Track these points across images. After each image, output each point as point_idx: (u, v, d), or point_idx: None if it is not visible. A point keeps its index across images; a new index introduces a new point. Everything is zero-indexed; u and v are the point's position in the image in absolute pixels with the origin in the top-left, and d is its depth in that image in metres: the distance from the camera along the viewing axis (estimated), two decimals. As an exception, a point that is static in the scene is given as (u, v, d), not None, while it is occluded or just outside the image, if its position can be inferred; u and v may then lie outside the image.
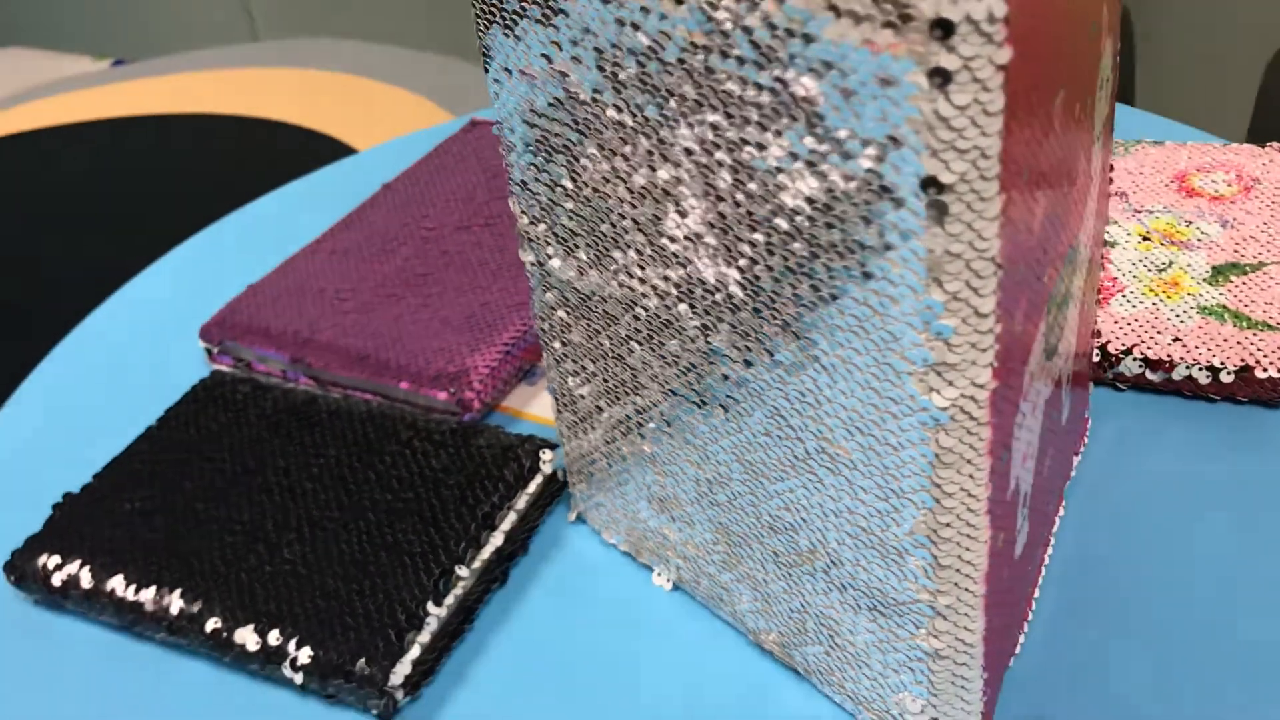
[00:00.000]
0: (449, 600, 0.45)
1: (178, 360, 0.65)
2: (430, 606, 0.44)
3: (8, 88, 2.28)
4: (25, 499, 0.57)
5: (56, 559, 0.49)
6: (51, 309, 1.61)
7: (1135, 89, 1.23)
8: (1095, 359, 0.52)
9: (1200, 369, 0.50)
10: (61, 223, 1.80)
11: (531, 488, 0.50)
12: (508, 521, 0.48)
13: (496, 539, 0.48)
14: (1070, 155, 0.34)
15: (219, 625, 0.45)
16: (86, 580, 0.48)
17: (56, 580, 0.48)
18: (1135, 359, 0.52)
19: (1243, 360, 0.50)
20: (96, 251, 1.71)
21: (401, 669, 0.43)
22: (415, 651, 0.43)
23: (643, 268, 0.38)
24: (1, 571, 0.51)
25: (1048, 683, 0.41)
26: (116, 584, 0.47)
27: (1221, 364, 0.50)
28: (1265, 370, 0.49)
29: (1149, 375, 0.52)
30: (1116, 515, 0.47)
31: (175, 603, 0.46)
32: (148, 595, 0.46)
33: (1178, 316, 0.52)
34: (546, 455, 0.50)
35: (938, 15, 0.25)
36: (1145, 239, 0.57)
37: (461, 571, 0.46)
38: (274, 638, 0.44)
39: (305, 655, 0.43)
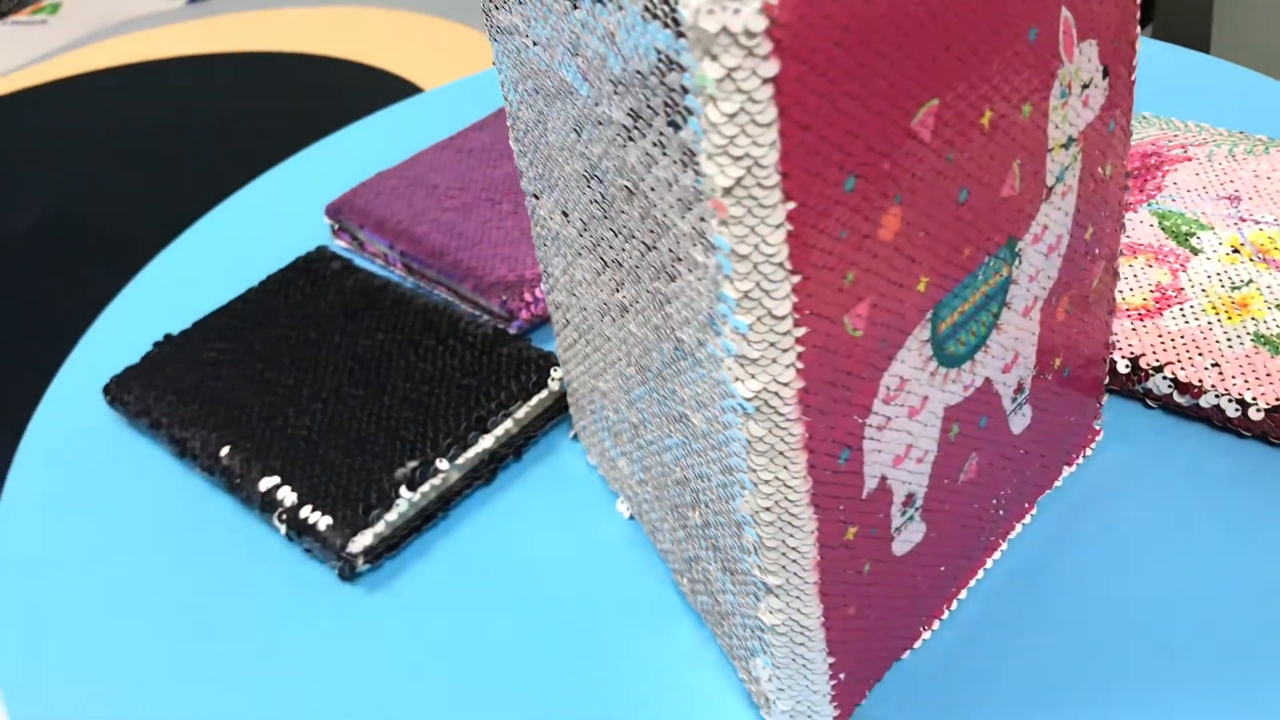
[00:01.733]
0: (424, 488, 0.50)
1: (316, 236, 0.73)
2: (404, 490, 0.49)
3: (86, 26, 2.43)
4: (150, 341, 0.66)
5: (139, 389, 0.57)
6: (139, 236, 1.76)
7: (1211, 41, 1.10)
8: (1125, 370, 0.49)
9: (1230, 400, 0.47)
10: (142, 156, 1.95)
11: (534, 401, 0.53)
12: (502, 428, 0.52)
13: (487, 441, 0.52)
14: (973, 164, 0.33)
15: (235, 470, 0.52)
16: (153, 411, 0.56)
17: (134, 408, 0.56)
18: (1165, 378, 0.48)
19: (1276, 399, 0.46)
20: (175, 183, 1.85)
21: (362, 539, 0.48)
22: (380, 526, 0.48)
23: (578, 218, 0.40)
24: (102, 392, 0.60)
25: (940, 681, 0.41)
26: (172, 419, 0.55)
27: (1254, 399, 0.46)
28: (1298, 414, 0.46)
29: (1177, 398, 0.49)
30: (1090, 532, 0.46)
31: (209, 444, 0.53)
32: (191, 433, 0.54)
33: (1229, 340, 0.49)
34: (556, 373, 0.54)
35: (695, 24, 0.26)
36: (1235, 251, 0.53)
37: (442, 465, 0.50)
38: (272, 490, 0.50)
39: (290, 511, 0.49)
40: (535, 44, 0.37)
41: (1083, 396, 0.46)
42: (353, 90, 1.97)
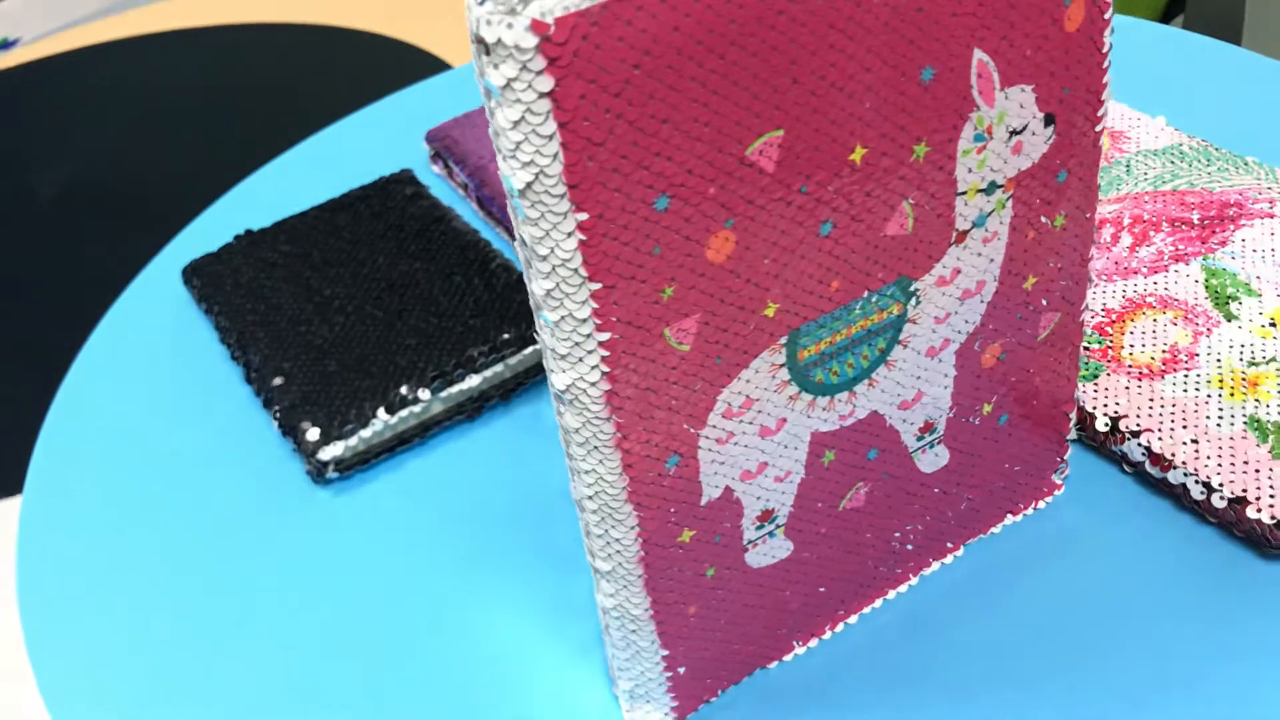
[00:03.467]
0: (403, 413, 0.53)
1: (415, 162, 0.77)
2: (381, 413, 0.53)
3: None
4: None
5: (207, 276, 0.63)
6: (171, 201, 1.82)
7: (1243, 31, 0.99)
8: (1104, 429, 0.47)
9: (1196, 481, 0.44)
10: (174, 123, 1.99)
11: (528, 350, 0.55)
12: (492, 370, 0.55)
13: (474, 380, 0.54)
14: (840, 199, 0.33)
15: (254, 364, 0.56)
16: (211, 299, 0.61)
17: (199, 292, 0.62)
18: (1140, 445, 0.46)
19: (1243, 490, 0.43)
20: (206, 149, 1.88)
21: (332, 450, 0.52)
22: (353, 441, 0.52)
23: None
24: (181, 273, 0.67)
25: (804, 695, 0.42)
26: (222, 308, 0.60)
27: (1220, 485, 0.43)
28: (1259, 509, 0.42)
29: (1148, 468, 0.46)
30: (1007, 586, 0.44)
31: (242, 337, 0.58)
32: (230, 324, 0.59)
33: (1220, 419, 0.45)
34: (556, 327, 0.56)
35: (477, 33, 0.27)
36: (1272, 324, 0.49)
37: (424, 395, 0.53)
38: (277, 389, 0.55)
39: (284, 411, 0.54)
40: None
41: (1032, 447, 0.45)
42: (384, 63, 2.03)
